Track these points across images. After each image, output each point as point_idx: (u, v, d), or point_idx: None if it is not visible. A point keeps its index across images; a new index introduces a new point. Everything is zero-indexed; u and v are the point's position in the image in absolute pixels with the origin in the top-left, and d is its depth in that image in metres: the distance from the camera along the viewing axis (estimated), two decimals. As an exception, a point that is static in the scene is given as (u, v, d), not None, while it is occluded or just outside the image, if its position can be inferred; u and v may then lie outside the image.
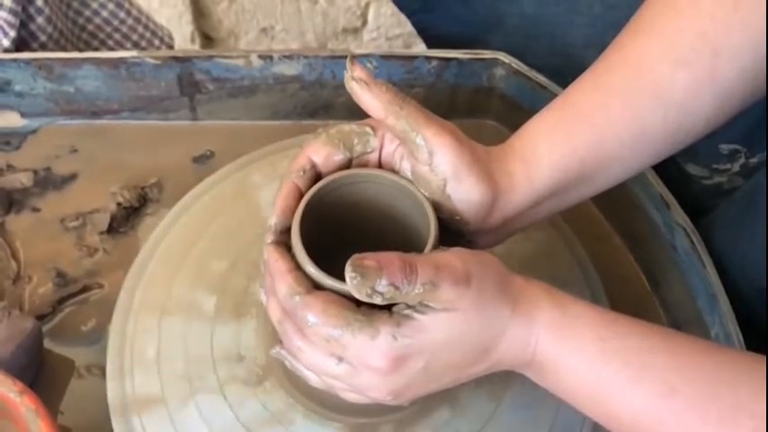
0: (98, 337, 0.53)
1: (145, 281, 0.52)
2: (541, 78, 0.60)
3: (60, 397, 0.50)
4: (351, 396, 0.41)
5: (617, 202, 0.59)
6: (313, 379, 0.41)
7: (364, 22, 1.30)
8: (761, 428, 0.35)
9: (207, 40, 1.30)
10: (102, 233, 0.58)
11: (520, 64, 0.61)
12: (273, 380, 0.47)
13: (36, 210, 0.59)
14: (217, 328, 0.49)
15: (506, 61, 0.62)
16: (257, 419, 0.46)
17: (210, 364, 0.48)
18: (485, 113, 0.65)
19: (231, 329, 0.49)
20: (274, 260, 0.40)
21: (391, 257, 0.37)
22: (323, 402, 0.46)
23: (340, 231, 0.43)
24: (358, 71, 0.41)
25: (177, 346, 0.49)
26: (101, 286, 0.56)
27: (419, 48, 1.08)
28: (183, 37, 1.25)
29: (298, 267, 0.40)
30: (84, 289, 0.55)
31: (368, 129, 0.43)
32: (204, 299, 0.51)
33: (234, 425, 0.46)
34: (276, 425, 0.46)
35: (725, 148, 0.59)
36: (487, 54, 0.62)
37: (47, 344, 0.52)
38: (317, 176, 0.43)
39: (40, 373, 0.51)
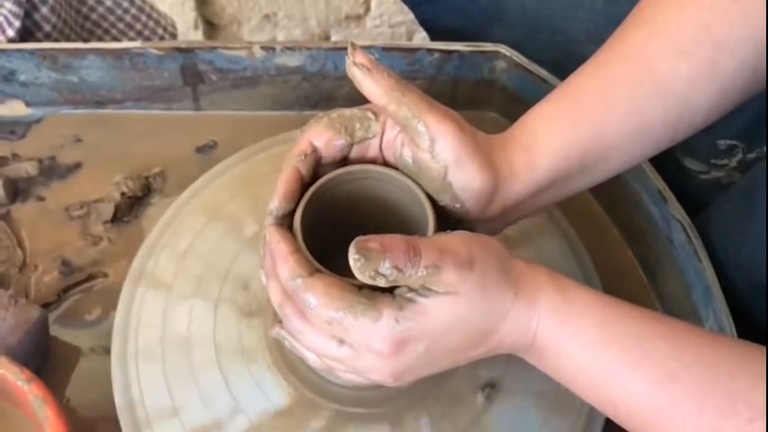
0: (103, 325, 0.54)
1: (132, 350, 0.51)
2: (542, 72, 0.61)
3: (66, 383, 0.51)
4: (350, 377, 0.42)
5: (615, 196, 0.60)
6: (313, 360, 0.42)
7: (367, 9, 1.30)
8: (758, 417, 0.35)
9: (210, 26, 1.30)
10: (106, 222, 0.59)
11: (521, 57, 0.61)
12: (260, 321, 0.50)
13: (41, 199, 0.60)
14: (244, 251, 0.53)
15: (508, 54, 0.62)
16: (229, 345, 0.49)
17: (222, 278, 0.52)
18: (486, 106, 0.66)
19: (254, 261, 0.52)
20: (276, 242, 0.40)
21: (395, 240, 0.37)
22: (292, 364, 0.48)
23: (340, 228, 0.44)
24: (360, 57, 0.40)
25: (206, 247, 0.53)
26: (105, 275, 0.56)
27: (421, 36, 1.09)
28: (186, 24, 1.25)
29: (299, 250, 0.40)
30: (89, 278, 0.56)
31: (369, 114, 0.43)
32: (248, 221, 0.54)
33: (208, 338, 0.49)
34: (240, 358, 0.49)
35: (723, 143, 0.59)
36: (489, 47, 0.62)
37: (52, 331, 0.53)
38: (318, 161, 0.43)
39: (46, 360, 0.52)
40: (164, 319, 0.50)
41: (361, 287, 0.39)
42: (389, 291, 0.39)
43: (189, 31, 1.26)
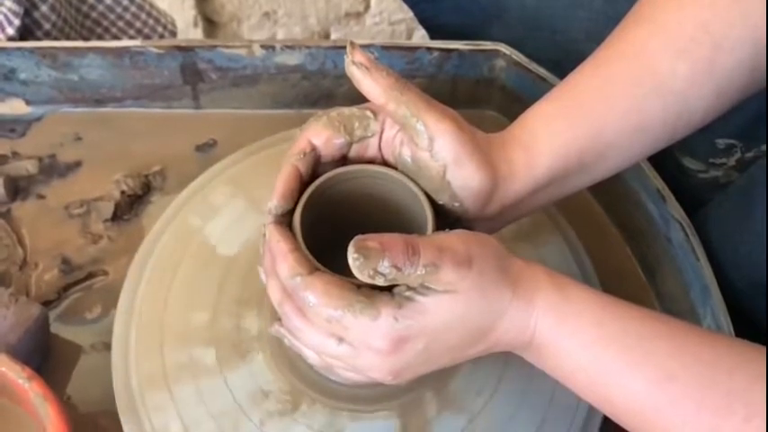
0: (103, 322, 0.54)
1: (133, 346, 0.49)
2: (542, 70, 0.61)
3: (67, 381, 0.52)
4: (349, 375, 0.42)
5: (614, 195, 0.60)
6: (312, 357, 0.42)
7: (367, 7, 1.30)
8: (755, 415, 0.35)
9: (209, 24, 1.30)
10: (106, 221, 0.59)
11: (520, 56, 0.61)
12: (307, 400, 0.47)
13: (41, 197, 0.60)
14: (228, 376, 0.48)
15: (507, 53, 0.62)
16: None
17: (240, 412, 0.47)
18: (485, 104, 0.66)
19: (242, 372, 0.48)
20: (276, 241, 0.40)
21: (394, 239, 0.37)
22: (364, 399, 0.47)
23: (339, 227, 0.44)
24: (358, 56, 0.41)
25: (199, 412, 0.47)
26: (105, 273, 0.56)
27: (421, 34, 1.09)
28: (186, 21, 1.25)
29: (299, 248, 0.40)
30: (89, 276, 0.56)
31: (368, 113, 0.43)
32: (202, 354, 0.49)
33: None
34: None
35: (721, 142, 0.59)
36: (488, 45, 0.62)
37: (53, 329, 0.53)
38: (318, 160, 0.43)
39: (47, 358, 0.52)
40: (176, 407, 0.47)
41: (361, 286, 0.39)
42: (388, 289, 0.39)
43: (189, 28, 1.26)
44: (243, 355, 0.49)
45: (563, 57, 0.56)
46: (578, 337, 0.39)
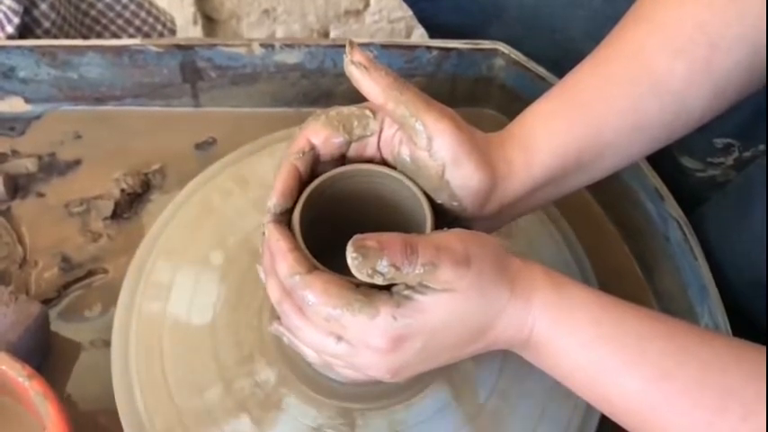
0: (103, 320, 0.54)
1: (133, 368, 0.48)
2: (540, 69, 0.61)
3: (66, 379, 0.52)
4: (348, 373, 0.42)
5: (612, 194, 0.60)
6: (311, 355, 0.42)
7: (366, 5, 1.30)
8: (750, 413, 0.35)
9: (209, 21, 1.30)
10: (106, 219, 0.59)
11: (519, 54, 0.62)
12: (359, 415, 0.47)
13: (41, 195, 0.60)
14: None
15: (506, 52, 0.62)
16: None
17: None
18: (484, 103, 0.66)
19: (284, 421, 0.47)
20: (275, 239, 0.41)
21: (392, 238, 0.37)
22: (405, 387, 0.47)
23: (339, 226, 0.44)
24: (357, 55, 0.41)
25: None
26: (105, 271, 0.57)
27: (421, 32, 1.09)
28: (185, 19, 1.25)
29: (298, 247, 0.40)
30: (89, 274, 0.56)
31: (367, 112, 0.43)
32: (236, 425, 0.47)
33: None
34: None
35: (719, 141, 0.60)
36: (487, 44, 0.62)
37: (53, 327, 0.53)
38: (317, 159, 0.43)
39: (47, 356, 0.52)
40: None
41: (359, 285, 0.39)
42: (387, 288, 0.39)
43: (188, 26, 1.26)
44: (276, 405, 0.47)
45: (562, 56, 0.56)
46: (576, 335, 0.39)
